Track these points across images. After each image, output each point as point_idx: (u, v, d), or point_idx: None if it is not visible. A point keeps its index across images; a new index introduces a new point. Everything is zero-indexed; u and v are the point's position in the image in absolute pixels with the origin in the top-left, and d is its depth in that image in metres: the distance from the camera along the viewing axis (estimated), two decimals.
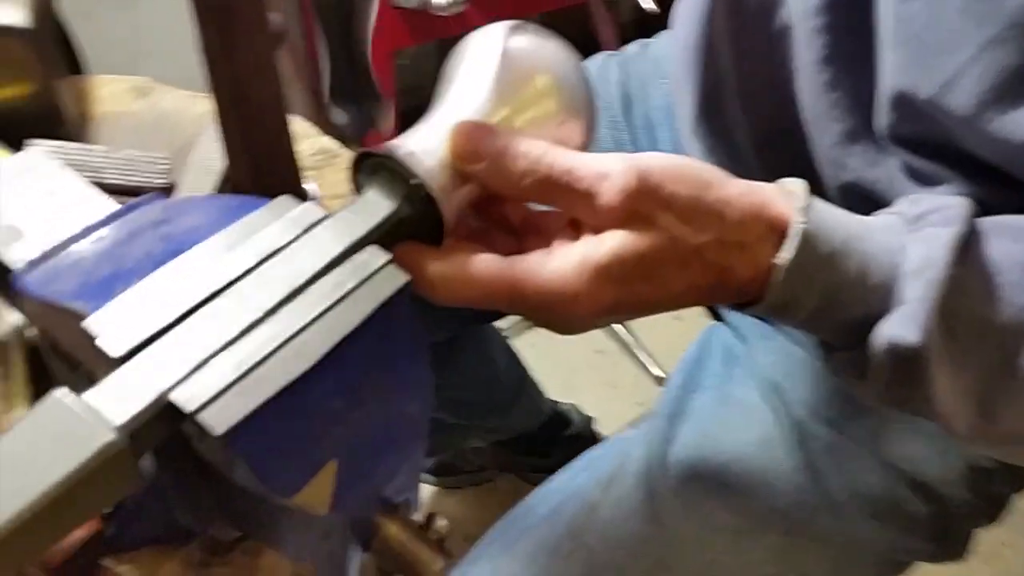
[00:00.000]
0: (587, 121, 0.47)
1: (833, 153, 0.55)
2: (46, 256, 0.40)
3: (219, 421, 0.31)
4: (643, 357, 1.61)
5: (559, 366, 1.56)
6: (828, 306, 0.43)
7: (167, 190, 0.62)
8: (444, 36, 1.49)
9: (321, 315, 0.35)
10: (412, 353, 0.37)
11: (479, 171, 0.41)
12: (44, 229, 0.42)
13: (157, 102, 0.71)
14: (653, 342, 1.63)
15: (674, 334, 1.41)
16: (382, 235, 0.39)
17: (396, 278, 0.37)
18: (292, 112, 0.50)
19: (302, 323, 0.34)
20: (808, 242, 0.42)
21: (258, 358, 0.33)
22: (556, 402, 1.35)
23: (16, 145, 0.57)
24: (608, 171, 0.40)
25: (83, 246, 0.40)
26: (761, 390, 0.66)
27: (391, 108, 1.39)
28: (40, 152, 0.47)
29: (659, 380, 1.59)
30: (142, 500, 0.41)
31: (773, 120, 0.60)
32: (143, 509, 0.41)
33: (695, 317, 0.71)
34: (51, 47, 0.62)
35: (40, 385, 0.47)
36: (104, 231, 0.41)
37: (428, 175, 0.40)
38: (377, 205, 0.40)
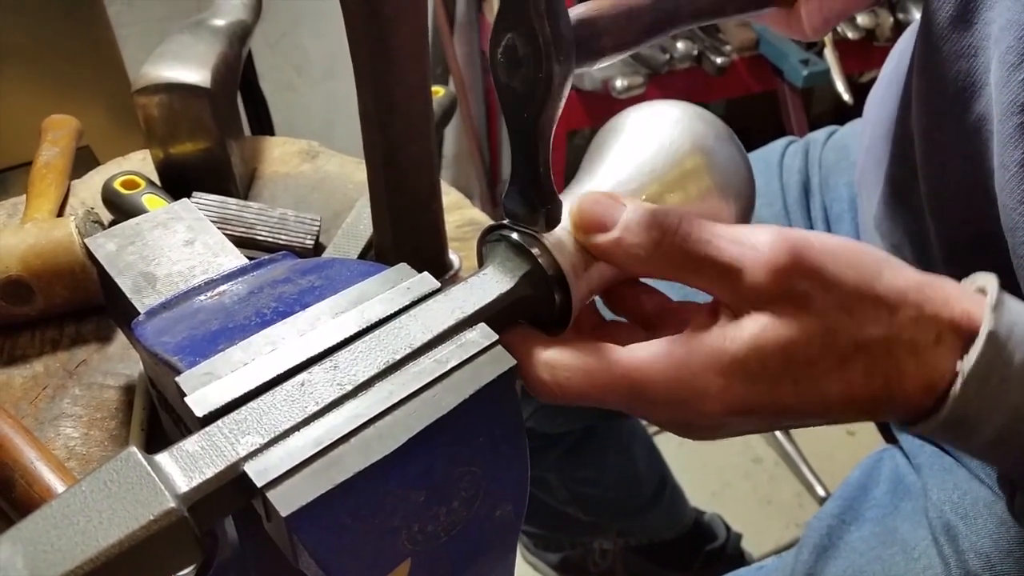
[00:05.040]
0: (740, 208, 0.43)
1: None
2: (164, 306, 0.39)
3: (286, 502, 0.28)
4: (806, 472, 1.48)
5: (709, 472, 1.46)
6: (1018, 430, 0.36)
7: (314, 251, 0.62)
8: None
9: (414, 395, 0.32)
10: (511, 448, 0.33)
11: (604, 243, 0.36)
12: (174, 279, 0.42)
13: (323, 165, 0.73)
14: (819, 456, 1.49)
15: (845, 449, 1.27)
16: (497, 314, 0.36)
17: (501, 362, 0.33)
18: (464, 186, 0.49)
19: (392, 401, 0.31)
20: (998, 347, 0.34)
21: (338, 436, 0.30)
22: (701, 512, 1.25)
23: (186, 195, 0.60)
24: (756, 243, 0.34)
25: (200, 300, 0.40)
26: (932, 531, 0.56)
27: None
28: (186, 204, 0.47)
29: (822, 501, 1.44)
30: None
31: (966, 222, 0.52)
32: None
33: (872, 433, 0.63)
34: (227, 108, 0.64)
35: (154, 435, 0.48)
36: (225, 286, 0.40)
37: (554, 252, 0.37)
38: (495, 281, 0.37)
